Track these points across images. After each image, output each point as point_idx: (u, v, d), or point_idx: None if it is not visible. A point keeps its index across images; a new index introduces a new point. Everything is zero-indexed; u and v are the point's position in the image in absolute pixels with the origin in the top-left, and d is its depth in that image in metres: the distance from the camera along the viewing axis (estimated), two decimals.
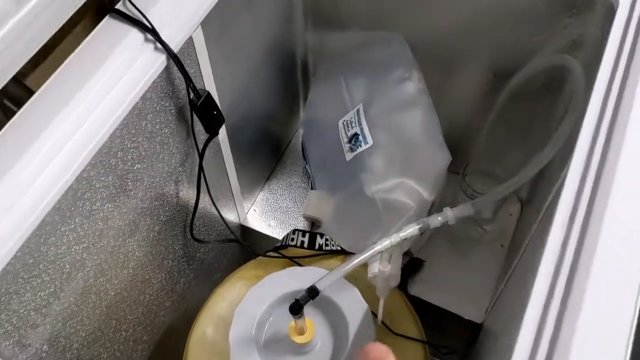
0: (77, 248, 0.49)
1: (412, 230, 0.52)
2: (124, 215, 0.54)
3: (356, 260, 0.51)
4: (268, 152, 0.88)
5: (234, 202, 0.80)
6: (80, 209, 0.48)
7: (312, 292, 0.49)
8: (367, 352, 0.27)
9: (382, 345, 0.28)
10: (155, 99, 0.52)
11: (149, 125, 0.53)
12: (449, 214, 0.53)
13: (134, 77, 0.49)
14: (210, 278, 0.79)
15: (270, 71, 0.78)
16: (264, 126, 0.82)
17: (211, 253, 0.78)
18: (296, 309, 0.49)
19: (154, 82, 0.51)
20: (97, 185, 0.49)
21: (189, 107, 0.57)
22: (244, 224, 0.84)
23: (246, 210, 0.85)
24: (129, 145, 0.51)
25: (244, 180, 0.81)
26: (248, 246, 0.71)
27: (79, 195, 0.47)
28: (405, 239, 0.52)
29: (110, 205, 0.52)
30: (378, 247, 0.51)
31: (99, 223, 0.51)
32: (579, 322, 0.36)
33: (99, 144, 0.47)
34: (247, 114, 0.75)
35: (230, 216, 0.81)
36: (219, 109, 0.57)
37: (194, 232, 0.68)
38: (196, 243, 0.71)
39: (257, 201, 0.87)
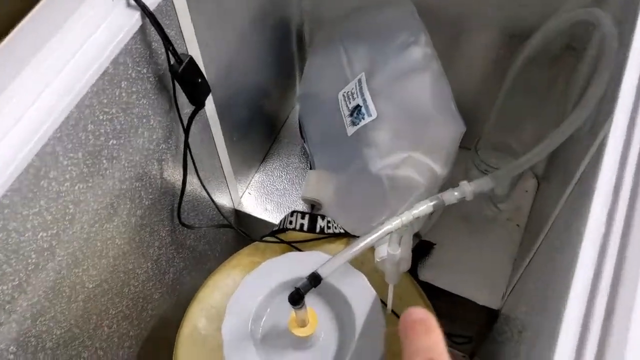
0: (44, 235, 0.43)
1: (425, 207, 0.46)
2: (100, 198, 0.48)
3: (363, 243, 0.45)
4: (262, 131, 0.82)
5: (227, 185, 0.74)
6: (46, 190, 0.41)
7: (314, 280, 0.43)
8: (409, 314, 0.26)
9: (422, 309, 0.27)
10: (130, 65, 0.46)
11: (124, 94, 0.46)
12: (466, 189, 0.47)
13: (104, 38, 0.43)
14: (203, 267, 0.73)
15: (261, 40, 0.71)
16: (256, 102, 0.76)
17: (203, 240, 0.71)
18: (296, 299, 0.43)
19: (127, 44, 0.45)
20: (65, 163, 0.43)
21: (169, 75, 0.50)
22: (238, 208, 0.78)
23: (240, 194, 0.79)
24: (101, 117, 0.45)
25: (237, 161, 0.74)
26: (242, 231, 0.65)
27: (42, 173, 0.41)
28: (418, 217, 0.46)
29: (82, 186, 0.45)
30: (388, 227, 0.45)
31: (70, 206, 0.45)
32: (634, 314, 0.30)
33: (63, 114, 0.40)
34: (237, 88, 0.68)
35: (223, 200, 0.74)
36: (203, 76, 0.50)
37: (182, 217, 0.62)
38: (185, 229, 0.65)
39: (252, 184, 0.80)
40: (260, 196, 0.79)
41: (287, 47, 0.79)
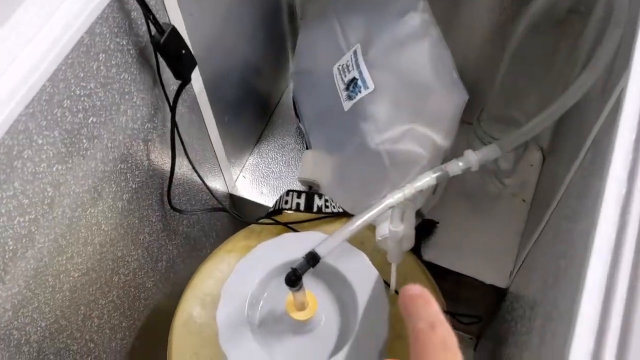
0: (21, 220, 0.40)
1: (428, 179, 0.43)
2: (81, 180, 0.45)
3: (363, 219, 0.42)
4: (256, 112, 0.79)
5: (220, 168, 0.71)
6: (20, 171, 0.38)
7: (312, 259, 0.40)
8: (407, 290, 0.29)
9: (418, 285, 0.30)
10: (108, 35, 0.43)
11: (102, 68, 0.43)
12: (471, 158, 0.44)
13: (77, 5, 0.40)
14: (199, 254, 0.70)
15: (250, 13, 0.68)
16: (248, 81, 0.72)
17: (197, 226, 0.69)
18: (293, 280, 0.40)
19: (103, 12, 0.41)
20: (40, 142, 0.39)
21: (151, 48, 0.47)
22: (233, 192, 0.75)
23: (235, 178, 0.76)
24: (77, 93, 0.42)
25: (230, 144, 0.71)
26: (236, 214, 0.62)
27: (15, 153, 0.38)
28: (421, 191, 0.43)
29: (60, 167, 0.42)
30: (389, 201, 0.42)
31: (48, 189, 0.42)
32: None
33: (34, 88, 0.37)
34: (226, 65, 0.65)
35: (217, 184, 0.71)
36: (187, 47, 0.47)
37: (173, 201, 0.59)
38: (177, 215, 0.62)
39: (247, 167, 0.77)
40: (256, 179, 0.76)
41: (278, 22, 0.76)
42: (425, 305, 0.29)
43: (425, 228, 0.69)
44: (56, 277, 0.46)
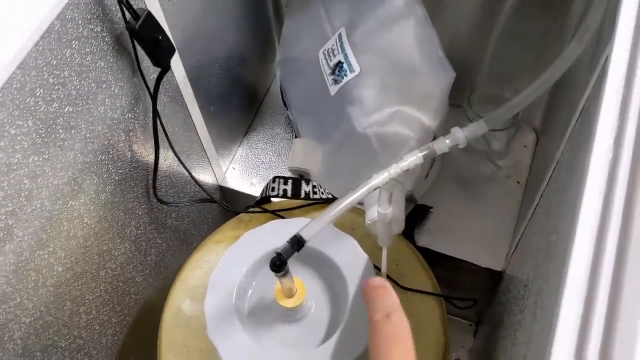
0: None
1: (414, 158, 0.42)
2: (60, 172, 0.44)
3: (348, 200, 0.41)
4: (243, 102, 0.78)
5: (209, 160, 0.70)
6: None
7: (296, 243, 0.39)
8: (370, 281, 0.32)
9: (380, 277, 0.32)
10: (80, 21, 0.42)
11: (76, 55, 0.42)
12: (458, 135, 0.43)
13: None
14: (189, 248, 0.69)
15: (234, 1, 0.67)
16: (233, 71, 0.71)
17: (186, 219, 0.68)
18: (278, 265, 0.39)
19: None
20: (13, 132, 0.38)
21: (127, 34, 0.46)
22: (222, 184, 0.74)
23: (224, 169, 0.75)
24: (51, 81, 0.41)
25: (218, 135, 0.70)
26: (224, 205, 0.61)
27: None
28: (408, 170, 0.42)
29: (36, 159, 0.41)
30: (375, 182, 0.41)
31: (25, 181, 0.41)
32: None
33: (3, 76, 0.36)
34: (210, 54, 0.64)
35: (206, 177, 0.70)
36: (164, 32, 0.46)
37: (159, 194, 0.58)
38: (165, 207, 0.61)
39: (236, 158, 0.76)
40: (245, 170, 0.75)
41: (263, 10, 0.75)
42: (384, 295, 0.31)
43: (418, 213, 0.68)
44: (38, 271, 0.45)
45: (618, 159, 0.29)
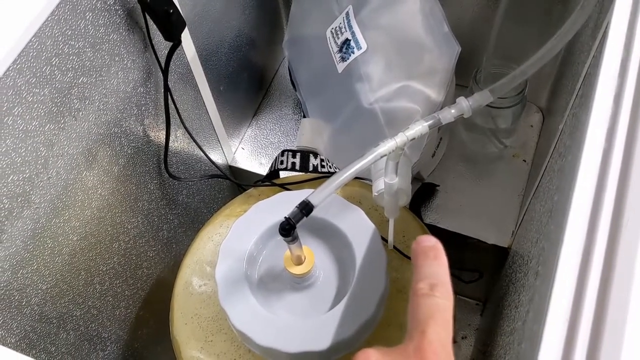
0: (15, 178, 0.40)
1: (420, 128, 0.43)
2: (74, 142, 0.45)
3: (355, 167, 0.41)
4: (252, 83, 0.79)
5: (218, 140, 0.71)
6: (10, 127, 0.39)
7: (305, 207, 0.40)
8: (421, 241, 0.29)
9: (432, 236, 0.30)
10: None
11: (90, 27, 0.43)
12: (464, 105, 0.43)
13: None
14: (200, 227, 0.70)
15: None
16: (241, 50, 0.72)
17: (197, 197, 0.69)
18: (287, 229, 0.40)
19: None
20: (30, 99, 0.40)
21: (139, 9, 0.47)
22: (232, 164, 0.75)
23: (234, 150, 0.76)
24: (66, 51, 0.42)
25: (227, 114, 0.71)
26: (234, 180, 0.62)
27: (5, 109, 0.38)
28: (414, 139, 0.43)
29: (52, 127, 0.43)
30: (381, 150, 0.42)
31: (41, 149, 0.42)
32: None
33: (21, 43, 0.37)
34: (218, 31, 0.65)
35: (216, 156, 0.72)
36: (174, 5, 0.47)
37: (171, 169, 0.59)
38: (176, 183, 0.63)
39: (245, 139, 0.77)
40: (255, 150, 0.76)
41: None
42: (433, 262, 0.28)
43: (426, 191, 0.69)
44: (54, 239, 0.46)
45: (617, 115, 0.30)
